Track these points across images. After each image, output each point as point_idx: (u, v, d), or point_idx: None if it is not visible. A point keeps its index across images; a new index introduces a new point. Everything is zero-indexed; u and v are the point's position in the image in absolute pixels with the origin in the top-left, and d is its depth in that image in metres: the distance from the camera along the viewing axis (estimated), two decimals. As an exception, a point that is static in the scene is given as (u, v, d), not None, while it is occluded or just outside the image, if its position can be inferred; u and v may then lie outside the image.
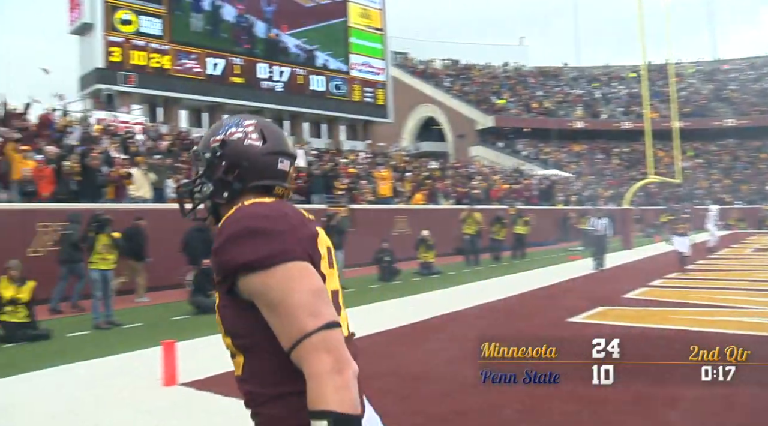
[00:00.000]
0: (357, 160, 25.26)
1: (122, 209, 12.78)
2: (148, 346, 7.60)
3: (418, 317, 9.51)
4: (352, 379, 1.34)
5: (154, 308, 11.22)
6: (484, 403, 5.20)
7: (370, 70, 33.17)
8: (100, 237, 9.37)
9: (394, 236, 18.64)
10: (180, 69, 26.33)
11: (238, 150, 1.63)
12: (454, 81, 50.94)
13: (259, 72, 28.71)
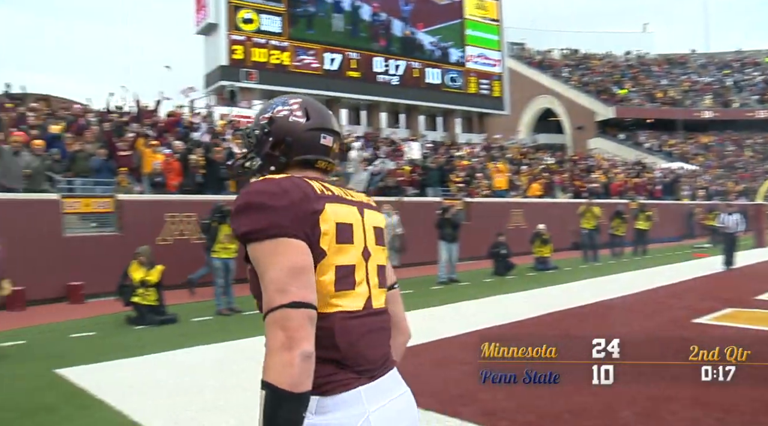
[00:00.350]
0: (472, 152, 25.01)
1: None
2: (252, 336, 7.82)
3: (532, 313, 9.28)
4: (297, 359, 1.37)
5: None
6: (599, 403, 4.99)
7: (486, 62, 32.76)
8: (222, 227, 9.73)
9: (510, 230, 18.31)
10: (298, 65, 27.01)
11: (284, 126, 1.73)
12: (573, 71, 49.45)
13: (375, 66, 28.98)
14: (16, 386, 5.94)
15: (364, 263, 1.66)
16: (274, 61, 26.37)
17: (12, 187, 10.90)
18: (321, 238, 1.54)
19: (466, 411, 4.92)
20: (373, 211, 1.76)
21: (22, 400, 5.50)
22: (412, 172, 18.33)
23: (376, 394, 1.60)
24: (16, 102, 16.65)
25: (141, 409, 5.14)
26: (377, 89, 29.10)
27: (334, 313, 1.56)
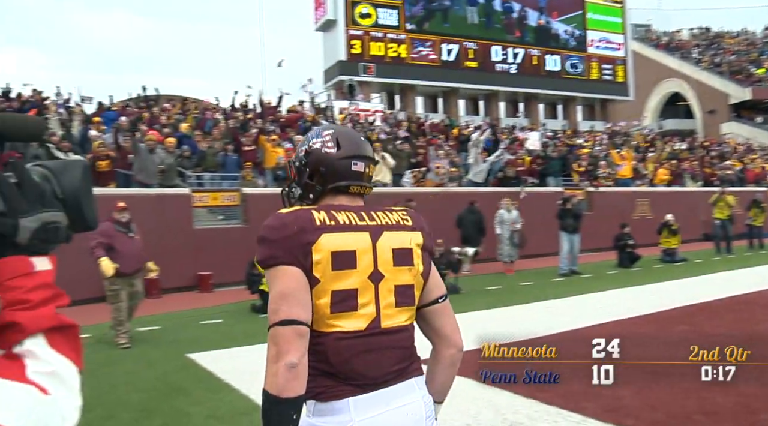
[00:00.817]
0: (595, 140, 24.15)
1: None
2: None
3: (658, 307, 8.84)
4: (282, 369, 1.58)
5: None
6: (734, 403, 4.67)
7: (609, 46, 31.49)
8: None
9: (635, 220, 17.55)
10: (416, 57, 27.04)
11: (318, 157, 1.89)
12: (704, 51, 46.56)
13: (494, 55, 28.57)
14: (151, 369, 6.31)
15: (372, 286, 1.77)
16: (391, 54, 26.55)
17: (147, 183, 11.59)
18: (314, 266, 1.70)
19: (590, 407, 4.75)
20: (397, 232, 1.84)
21: (158, 382, 5.84)
22: (532, 162, 17.93)
23: (367, 406, 1.73)
24: (150, 103, 17.70)
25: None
26: (495, 78, 28.67)
27: (330, 333, 1.72)
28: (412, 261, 1.84)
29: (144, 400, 5.32)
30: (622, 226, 14.70)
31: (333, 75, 26.43)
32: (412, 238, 1.87)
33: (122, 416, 4.93)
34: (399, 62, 26.62)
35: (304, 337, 1.64)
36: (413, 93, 28.49)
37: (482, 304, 9.51)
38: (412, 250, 1.85)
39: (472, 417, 4.69)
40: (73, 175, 0.98)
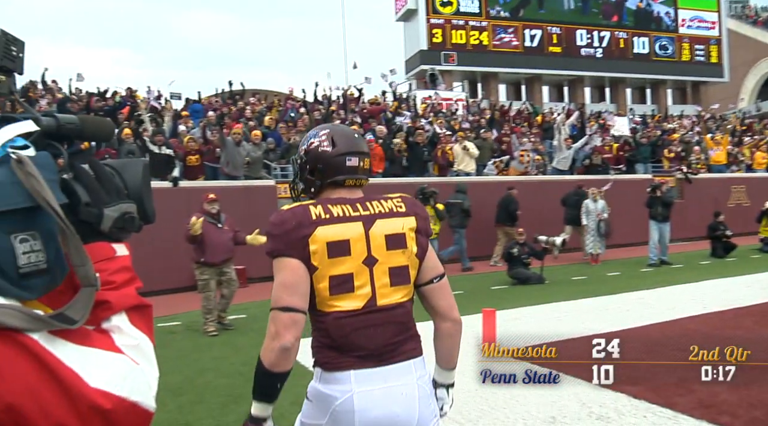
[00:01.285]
0: (686, 125, 23.17)
1: (446, 182, 13.35)
2: (468, 313, 7.82)
3: (755, 299, 8.41)
4: (277, 349, 1.88)
5: (474, 277, 11.57)
6: None
7: (702, 25, 30.11)
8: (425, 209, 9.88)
9: (730, 208, 16.77)
10: (498, 44, 26.68)
11: (316, 155, 2.11)
12: (808, 28, 43.85)
13: (579, 39, 27.84)
14: (238, 355, 6.49)
15: (367, 269, 2.01)
16: (473, 41, 26.29)
17: (234, 175, 11.91)
18: (311, 256, 1.95)
19: (682, 402, 4.57)
20: (390, 219, 2.06)
21: (244, 368, 5.99)
22: (620, 149, 17.37)
23: (366, 380, 1.97)
24: (236, 98, 18.16)
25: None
26: (580, 63, 27.94)
27: (330, 313, 1.98)
28: (405, 244, 2.05)
29: (231, 385, 5.48)
30: (716, 214, 14.07)
31: (414, 65, 26.40)
32: (405, 223, 2.07)
33: (211, 400, 5.09)
34: (481, 50, 26.35)
35: (299, 324, 1.91)
36: (495, 81, 28.12)
37: (568, 295, 9.32)
38: (405, 234, 2.06)
39: (557, 409, 4.59)
40: (134, 172, 1.10)
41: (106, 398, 0.87)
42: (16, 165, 0.88)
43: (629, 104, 29.02)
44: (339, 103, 18.00)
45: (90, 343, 0.91)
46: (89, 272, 0.94)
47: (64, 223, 0.90)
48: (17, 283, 0.86)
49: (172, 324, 8.24)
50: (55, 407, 0.83)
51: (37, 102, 13.78)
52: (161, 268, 10.42)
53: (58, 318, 0.87)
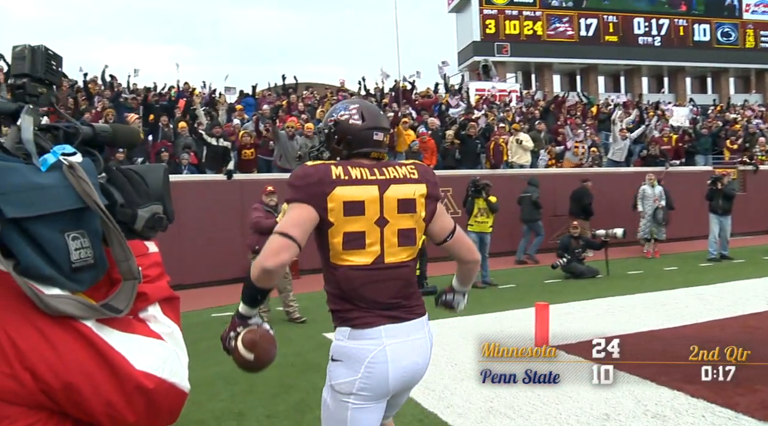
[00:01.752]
0: (750, 115, 22.40)
1: (499, 175, 13.21)
2: (520, 307, 7.76)
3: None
4: (259, 268, 2.09)
5: (527, 270, 11.43)
6: None
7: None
8: (477, 201, 9.80)
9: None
10: (552, 34, 26.27)
11: (346, 127, 2.30)
12: None
13: (636, 28, 27.17)
14: (289, 347, 6.55)
15: (378, 229, 2.21)
16: (527, 32, 25.93)
17: (287, 168, 12.02)
18: (328, 212, 2.14)
19: (743, 402, 4.43)
20: (403, 185, 2.25)
21: (296, 359, 6.06)
22: (679, 140, 16.90)
23: (396, 334, 2.22)
24: (289, 91, 18.32)
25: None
26: (637, 53, 27.26)
27: (342, 266, 2.20)
28: (415, 209, 2.27)
29: (282, 375, 5.54)
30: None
31: (467, 56, 26.22)
32: (416, 190, 2.27)
33: (263, 390, 5.16)
34: (534, 40, 26.00)
35: (291, 250, 2.09)
36: (550, 71, 27.72)
37: (623, 290, 9.13)
38: (415, 200, 2.27)
39: (611, 407, 4.50)
40: (156, 177, 1.22)
41: (149, 379, 1.02)
42: (68, 170, 1.00)
43: (689, 94, 28.21)
44: (391, 95, 17.97)
45: (133, 330, 1.05)
46: (132, 266, 1.06)
47: (111, 222, 1.03)
48: (70, 277, 0.97)
49: (227, 314, 8.36)
50: (105, 386, 0.97)
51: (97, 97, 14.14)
52: (215, 259, 10.61)
53: (107, 307, 1.00)
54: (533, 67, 27.46)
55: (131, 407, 1.00)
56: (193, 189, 10.76)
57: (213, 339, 6.98)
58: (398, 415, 4.53)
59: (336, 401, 2.26)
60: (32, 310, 0.93)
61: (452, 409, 4.60)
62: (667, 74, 29.24)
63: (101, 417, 0.99)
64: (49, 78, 1.15)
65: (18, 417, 0.93)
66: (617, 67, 28.41)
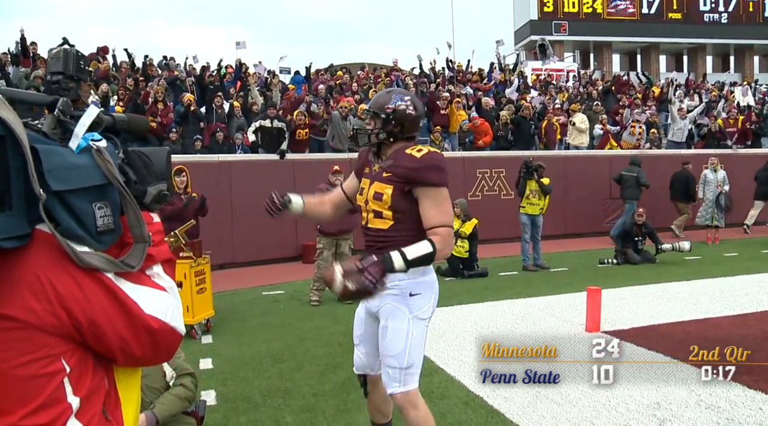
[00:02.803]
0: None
1: (553, 156, 12.97)
2: (572, 291, 7.64)
3: None
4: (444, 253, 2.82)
5: (580, 254, 11.21)
6: None
7: None
8: (529, 182, 9.64)
9: None
10: (613, 11, 25.57)
11: (403, 115, 2.91)
12: None
13: (701, 4, 26.18)
14: (337, 325, 6.57)
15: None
16: (586, 10, 25.29)
17: (339, 148, 12.04)
18: None
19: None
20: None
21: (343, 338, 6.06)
22: (745, 121, 16.26)
23: None
24: (343, 71, 18.32)
25: (446, 357, 5.36)
26: (702, 30, 26.29)
27: None
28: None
29: (330, 354, 5.58)
30: None
31: (524, 35, 25.76)
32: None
33: (310, 368, 5.21)
34: (594, 18, 25.35)
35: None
36: (609, 50, 27.04)
37: (679, 275, 8.89)
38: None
39: (662, 396, 4.39)
40: (160, 158, 1.45)
41: (155, 321, 1.28)
42: (96, 154, 1.26)
43: (756, 74, 27.12)
44: (444, 75, 17.78)
45: (143, 282, 1.30)
46: (144, 232, 1.30)
47: (129, 195, 1.28)
48: (96, 238, 1.22)
49: (277, 292, 8.48)
50: (120, 325, 1.23)
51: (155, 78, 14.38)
52: (268, 238, 10.72)
53: (123, 263, 1.25)
54: (592, 46, 26.81)
55: (139, 343, 1.26)
56: (247, 169, 10.87)
57: (262, 316, 7.13)
58: (444, 396, 4.54)
59: (419, 327, 2.91)
60: (69, 262, 1.18)
61: (498, 393, 4.55)
62: (733, 53, 28.16)
63: (116, 350, 1.25)
64: (78, 75, 1.39)
65: (56, 345, 1.18)
66: (680, 46, 27.49)
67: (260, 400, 4.53)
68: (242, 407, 4.42)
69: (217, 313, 6.83)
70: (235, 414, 4.32)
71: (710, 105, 16.61)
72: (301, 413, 4.31)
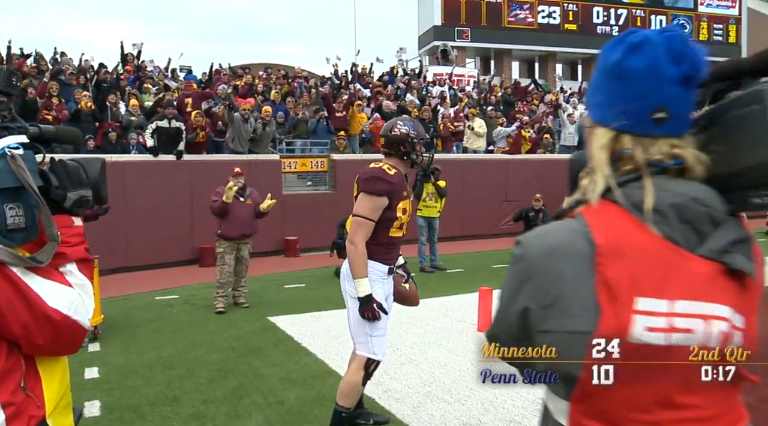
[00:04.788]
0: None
1: (451, 160, 13.24)
2: (467, 292, 7.81)
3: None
4: None
5: (477, 255, 11.48)
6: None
7: (722, 4, 29.53)
8: (426, 185, 9.80)
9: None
10: (513, 20, 26.32)
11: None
12: (831, 8, 42.88)
13: (595, 17, 27.41)
14: (232, 330, 6.50)
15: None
16: (488, 18, 25.94)
17: (238, 151, 11.85)
18: None
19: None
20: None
21: (237, 343, 6.00)
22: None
23: None
24: (244, 71, 18.05)
25: (340, 359, 5.36)
26: (596, 41, 27.47)
27: None
28: None
29: (222, 359, 5.48)
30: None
31: (427, 40, 26.12)
32: None
33: (201, 374, 5.10)
34: (495, 26, 25.98)
35: None
36: (509, 58, 27.78)
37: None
38: None
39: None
40: (95, 167, 1.63)
41: (57, 313, 1.40)
42: (9, 159, 1.38)
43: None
44: (347, 79, 17.82)
45: (53, 278, 1.43)
46: (53, 231, 1.44)
47: (39, 198, 1.40)
48: (5, 235, 1.35)
49: (171, 297, 8.26)
50: (23, 314, 1.35)
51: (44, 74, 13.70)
52: (163, 242, 10.45)
53: (31, 259, 1.38)
54: (493, 53, 27.52)
55: (41, 332, 1.38)
56: (141, 170, 10.54)
57: (154, 322, 6.93)
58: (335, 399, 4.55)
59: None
60: None
61: (390, 394, 4.62)
62: (623, 63, 29.65)
63: (20, 337, 1.37)
64: (8, 90, 1.52)
65: None
66: (575, 56, 28.65)
67: (147, 410, 4.40)
68: (128, 417, 4.28)
69: (107, 319, 6.57)
70: (121, 424, 4.17)
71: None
72: (190, 421, 4.21)
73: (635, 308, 1.02)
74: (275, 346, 5.90)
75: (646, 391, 1.08)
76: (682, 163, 1.08)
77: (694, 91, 1.09)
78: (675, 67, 1.08)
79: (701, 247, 1.04)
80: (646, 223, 1.04)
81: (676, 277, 1.02)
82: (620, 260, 1.03)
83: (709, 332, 1.04)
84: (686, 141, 1.09)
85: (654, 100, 1.08)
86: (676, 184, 1.07)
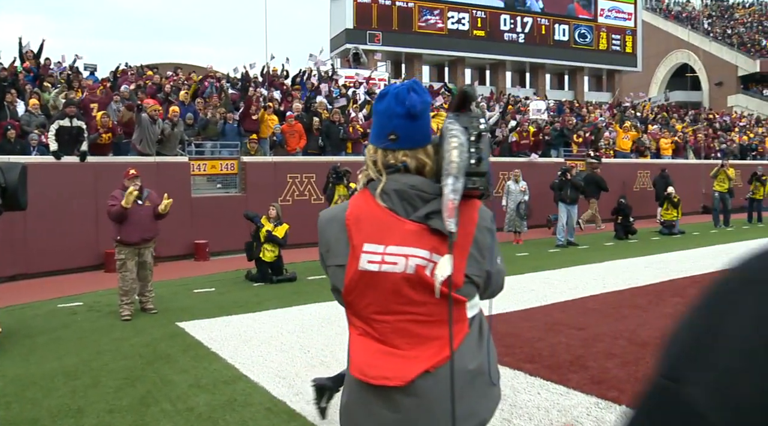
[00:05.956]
0: (600, 112, 23.84)
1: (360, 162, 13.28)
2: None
3: (653, 278, 8.82)
4: None
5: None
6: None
7: (619, 16, 31.01)
8: (338, 188, 9.86)
9: (635, 192, 17.49)
10: (423, 25, 26.75)
11: None
12: (715, 23, 45.58)
13: (502, 24, 28.21)
14: (139, 337, 6.34)
15: None
16: (399, 22, 26.26)
17: (146, 152, 11.54)
18: None
19: (575, 378, 4.75)
20: None
21: (145, 350, 5.87)
22: (538, 133, 17.70)
23: None
24: (152, 71, 17.59)
25: (250, 363, 5.34)
26: (503, 48, 28.33)
27: None
28: None
29: (129, 367, 5.35)
30: (620, 198, 14.60)
31: (339, 43, 26.23)
32: None
33: (107, 383, 4.96)
34: (406, 31, 26.35)
35: None
36: (419, 62, 28.24)
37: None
38: None
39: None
40: (14, 173, 2.44)
41: None
42: None
43: (548, 90, 29.64)
44: (258, 80, 17.66)
45: None
46: None
47: None
48: None
49: (75, 304, 7.98)
50: None
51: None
52: (66, 246, 10.08)
53: None
54: (404, 56, 27.89)
55: None
56: (42, 171, 10.11)
57: (56, 331, 6.71)
58: (247, 404, 4.54)
59: None
60: None
61: (301, 397, 4.63)
62: (529, 70, 30.56)
63: None
64: None
65: None
66: (483, 61, 29.39)
67: (48, 422, 4.24)
68: (28, 430, 4.13)
69: (4, 329, 6.30)
70: (19, 437, 4.03)
71: (504, 115, 17.94)
72: (94, 431, 4.11)
73: (363, 250, 1.71)
74: (184, 351, 5.80)
75: (374, 300, 1.71)
76: (407, 165, 1.73)
77: (419, 121, 1.74)
78: (400, 107, 1.71)
79: (413, 215, 1.70)
80: (377, 200, 1.71)
81: (392, 232, 1.69)
82: (358, 223, 1.73)
83: (406, 264, 1.67)
84: (421, 152, 1.75)
85: (388, 128, 1.74)
86: (405, 177, 1.73)
